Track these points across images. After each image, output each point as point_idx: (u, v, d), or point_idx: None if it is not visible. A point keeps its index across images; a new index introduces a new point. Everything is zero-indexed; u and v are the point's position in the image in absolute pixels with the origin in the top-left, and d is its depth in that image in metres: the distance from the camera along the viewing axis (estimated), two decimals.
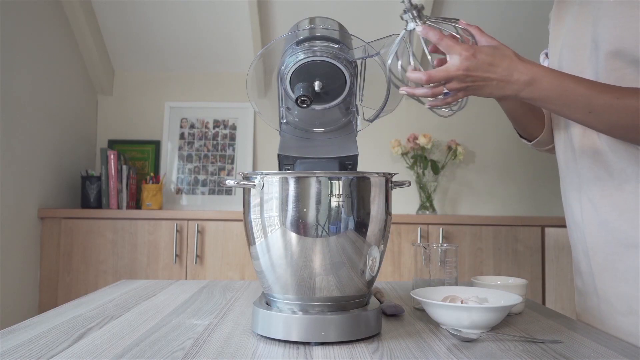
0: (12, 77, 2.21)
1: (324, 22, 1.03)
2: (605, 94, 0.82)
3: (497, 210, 2.94)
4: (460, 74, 0.83)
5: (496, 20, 2.67)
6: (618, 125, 0.82)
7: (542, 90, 0.83)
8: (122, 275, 2.41)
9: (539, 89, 0.83)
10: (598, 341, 0.84)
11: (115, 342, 0.80)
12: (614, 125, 0.83)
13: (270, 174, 0.82)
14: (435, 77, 0.84)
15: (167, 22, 2.74)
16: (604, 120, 0.82)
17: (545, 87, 0.83)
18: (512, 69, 0.83)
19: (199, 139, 2.90)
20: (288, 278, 0.81)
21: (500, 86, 0.83)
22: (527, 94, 0.83)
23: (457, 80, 0.83)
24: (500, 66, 0.83)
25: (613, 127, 0.83)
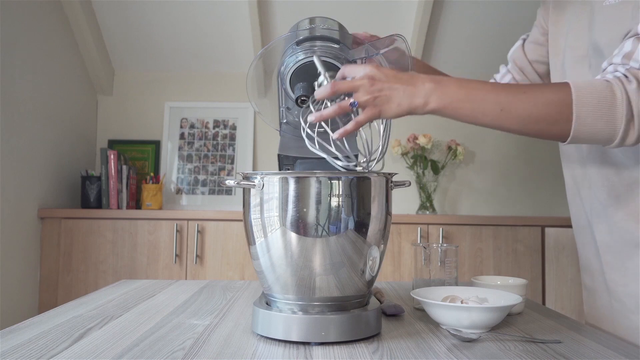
0: (12, 77, 2.21)
1: (324, 22, 1.03)
2: (512, 89, 0.82)
3: (497, 210, 2.94)
4: (365, 82, 0.81)
5: (496, 20, 2.67)
6: (530, 119, 0.81)
7: (449, 94, 0.81)
8: (122, 276, 2.41)
9: (446, 94, 0.81)
10: (598, 341, 0.84)
11: (115, 342, 0.80)
12: (526, 120, 0.81)
13: (270, 174, 0.82)
14: (341, 87, 0.82)
15: (167, 22, 2.74)
16: (516, 116, 0.81)
17: (451, 91, 0.82)
18: (415, 78, 0.82)
19: (199, 139, 2.90)
20: (288, 278, 0.81)
21: (408, 94, 0.81)
22: (435, 101, 0.81)
23: (363, 89, 0.81)
24: (404, 77, 0.82)
25: (526, 122, 0.81)
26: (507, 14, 2.64)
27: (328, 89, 0.83)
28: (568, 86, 0.80)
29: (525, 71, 1.22)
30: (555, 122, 0.80)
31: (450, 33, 2.78)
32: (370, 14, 2.69)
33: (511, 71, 1.25)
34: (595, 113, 0.79)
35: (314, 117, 0.84)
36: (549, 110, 0.80)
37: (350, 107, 0.82)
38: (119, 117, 2.96)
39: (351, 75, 0.83)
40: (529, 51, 1.20)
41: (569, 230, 2.44)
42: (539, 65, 1.20)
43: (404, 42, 1.03)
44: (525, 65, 1.21)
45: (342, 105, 0.82)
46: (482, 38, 2.74)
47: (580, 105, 0.79)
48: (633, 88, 0.78)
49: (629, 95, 0.78)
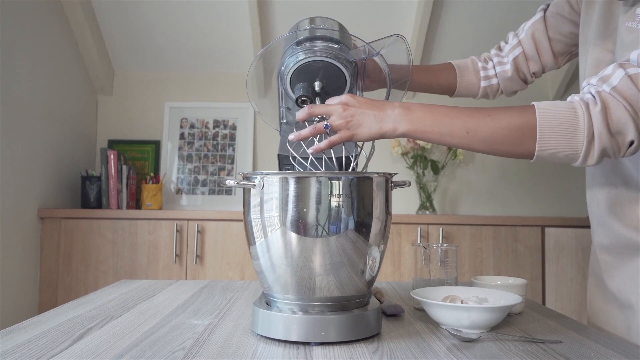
0: (12, 77, 2.21)
1: (324, 22, 1.03)
2: (478, 114, 0.86)
3: (497, 210, 2.94)
4: (339, 108, 0.86)
5: (496, 20, 2.67)
6: (495, 141, 0.85)
7: (417, 120, 0.86)
8: (122, 276, 2.41)
9: (415, 119, 0.86)
10: (598, 341, 0.84)
11: (115, 342, 0.80)
12: (491, 142, 0.85)
13: (270, 174, 0.82)
14: (316, 110, 0.88)
15: (167, 22, 2.74)
16: (482, 138, 0.85)
17: (419, 116, 0.86)
18: (385, 105, 0.88)
19: (199, 139, 2.90)
20: (288, 278, 0.81)
21: (378, 119, 0.86)
22: (404, 126, 0.86)
23: (337, 114, 0.86)
24: (375, 104, 0.88)
25: (491, 144, 0.85)
26: (507, 14, 2.64)
27: (305, 111, 0.89)
28: (533, 109, 0.83)
29: (540, 46, 1.17)
30: (520, 144, 0.84)
31: (450, 33, 2.78)
32: (370, 14, 2.69)
33: (523, 43, 1.19)
34: (558, 135, 0.82)
35: (293, 137, 0.90)
36: (512, 133, 0.84)
37: (324, 129, 0.87)
38: (119, 117, 2.96)
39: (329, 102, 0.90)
40: (551, 26, 1.16)
41: (569, 230, 2.44)
42: (558, 44, 1.16)
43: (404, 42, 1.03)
44: (544, 40, 1.17)
45: (317, 126, 0.88)
46: (482, 38, 2.74)
47: (543, 128, 0.82)
48: (597, 111, 0.80)
49: (591, 118, 0.81)
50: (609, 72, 0.83)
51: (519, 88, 1.24)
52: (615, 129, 0.80)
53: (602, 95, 0.81)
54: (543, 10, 1.18)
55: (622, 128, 0.80)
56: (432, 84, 1.22)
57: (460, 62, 1.24)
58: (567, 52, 1.18)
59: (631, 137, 0.80)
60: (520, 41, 1.20)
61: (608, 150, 0.82)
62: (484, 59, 1.25)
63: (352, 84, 0.98)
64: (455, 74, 1.23)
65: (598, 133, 0.80)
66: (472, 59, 1.26)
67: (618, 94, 0.80)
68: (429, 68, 1.24)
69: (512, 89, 1.24)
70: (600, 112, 0.80)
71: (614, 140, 0.81)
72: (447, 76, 1.23)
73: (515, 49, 1.21)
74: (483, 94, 1.25)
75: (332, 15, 1.13)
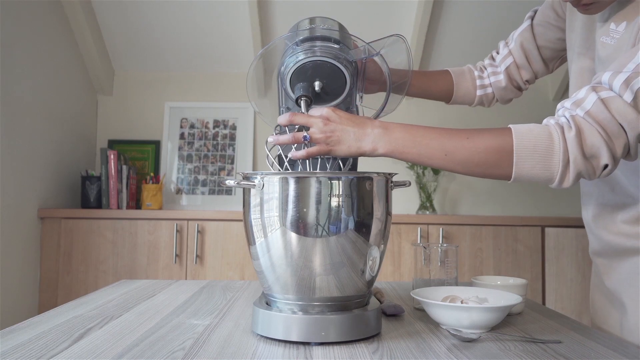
0: (12, 77, 2.21)
1: (324, 22, 1.03)
2: (456, 136, 0.86)
3: (497, 210, 2.94)
4: (319, 122, 0.87)
5: (496, 20, 2.67)
6: (472, 164, 0.86)
7: (396, 139, 0.87)
8: (122, 276, 2.41)
9: (394, 140, 0.87)
10: (598, 341, 0.84)
11: (115, 342, 0.80)
12: (468, 164, 0.86)
13: (270, 174, 0.82)
14: (298, 119, 0.88)
15: (167, 22, 2.74)
16: (459, 161, 0.86)
17: (398, 137, 0.87)
18: (366, 123, 0.88)
19: (199, 139, 2.90)
20: (288, 278, 0.81)
21: (357, 137, 0.86)
22: (383, 147, 0.86)
23: (317, 127, 0.87)
24: (356, 121, 0.88)
25: (468, 166, 0.87)
26: (507, 14, 2.64)
27: (286, 118, 0.89)
28: (510, 132, 0.84)
29: (529, 55, 1.19)
30: (497, 167, 0.85)
31: (450, 33, 2.78)
32: (370, 14, 2.69)
33: (513, 53, 1.21)
34: (534, 159, 0.83)
35: (271, 139, 0.91)
36: (490, 156, 0.85)
37: (303, 140, 0.88)
38: (119, 117, 2.96)
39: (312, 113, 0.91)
40: (539, 34, 1.17)
41: (569, 230, 2.44)
42: (547, 51, 1.18)
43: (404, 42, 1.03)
44: (532, 48, 1.18)
45: (296, 136, 0.88)
46: (482, 38, 2.74)
47: (519, 152, 0.83)
48: (571, 136, 0.81)
49: (566, 143, 0.82)
50: (582, 96, 0.83)
51: (513, 96, 1.26)
52: (589, 153, 0.81)
53: (576, 119, 0.82)
54: (530, 18, 1.19)
55: (596, 152, 0.81)
56: (431, 89, 1.23)
57: (457, 70, 1.26)
58: (557, 57, 1.19)
59: (605, 161, 0.81)
60: (511, 51, 1.22)
61: (583, 173, 0.83)
62: (479, 67, 1.27)
63: (352, 84, 0.98)
64: (453, 81, 1.24)
65: (573, 158, 0.81)
66: (469, 67, 1.27)
67: (592, 118, 0.81)
68: (427, 74, 1.24)
69: (507, 97, 1.26)
70: (575, 137, 0.81)
71: (588, 163, 0.82)
72: (444, 83, 1.24)
73: (507, 59, 1.22)
74: (479, 102, 1.27)
75: (332, 15, 1.13)
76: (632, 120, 0.79)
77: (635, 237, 0.94)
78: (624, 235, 0.96)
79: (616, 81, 0.81)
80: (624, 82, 0.80)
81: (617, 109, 0.80)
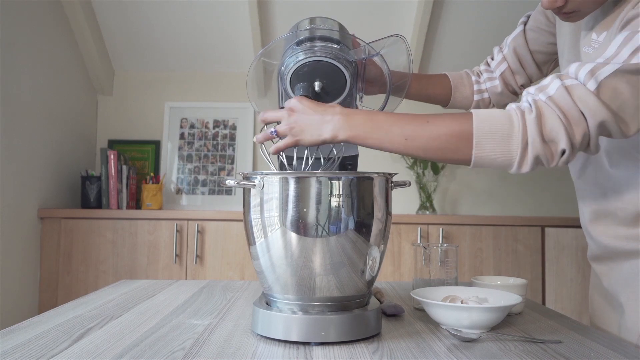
0: (12, 77, 2.21)
1: (324, 23, 1.03)
2: (416, 120, 0.87)
3: (497, 210, 2.94)
4: (284, 114, 0.89)
5: (496, 20, 2.67)
6: (433, 148, 0.86)
7: (356, 125, 0.87)
8: (122, 276, 2.41)
9: (354, 126, 0.87)
10: (598, 341, 0.84)
11: (115, 342, 0.80)
12: (428, 149, 0.86)
13: (271, 174, 0.82)
14: (267, 117, 0.92)
15: (167, 22, 2.74)
16: (420, 146, 0.86)
17: (358, 123, 0.87)
18: (327, 110, 0.88)
19: (199, 139, 2.90)
20: (288, 278, 0.81)
21: (318, 125, 0.87)
22: (344, 133, 0.87)
23: (284, 120, 0.89)
24: (318, 109, 0.89)
25: (429, 150, 0.86)
26: (507, 14, 2.64)
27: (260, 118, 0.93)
28: (470, 116, 0.84)
29: (523, 60, 1.20)
30: (457, 150, 0.85)
31: (450, 33, 2.78)
32: (370, 14, 2.69)
33: (507, 58, 1.22)
34: (494, 142, 0.83)
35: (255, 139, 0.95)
36: (450, 140, 0.85)
37: (271, 134, 0.91)
38: (119, 117, 2.96)
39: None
40: (531, 39, 1.18)
41: (569, 230, 2.44)
42: (539, 55, 1.19)
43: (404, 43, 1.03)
44: (525, 53, 1.20)
45: (265, 133, 0.92)
46: (482, 38, 2.74)
47: (479, 135, 0.83)
48: (531, 118, 0.81)
49: (526, 126, 0.82)
50: (547, 82, 0.84)
51: (510, 101, 1.27)
52: (548, 137, 0.81)
53: (537, 103, 0.82)
54: (523, 23, 1.21)
55: (554, 137, 0.81)
56: (429, 93, 1.24)
57: (455, 74, 1.27)
58: (550, 61, 1.20)
59: (563, 146, 0.81)
60: (505, 56, 1.23)
61: (541, 158, 0.82)
62: (476, 72, 1.28)
63: (352, 84, 0.98)
64: (450, 85, 1.25)
65: (532, 139, 0.81)
66: (466, 72, 1.28)
67: (553, 103, 0.81)
68: (425, 77, 1.25)
69: (503, 102, 1.27)
70: (535, 120, 0.81)
71: (547, 147, 0.82)
72: (442, 86, 1.25)
73: (501, 65, 1.24)
74: (475, 107, 1.28)
75: (332, 15, 1.13)
76: (593, 108, 0.80)
77: (634, 239, 0.95)
78: (622, 238, 0.97)
79: (582, 71, 0.82)
80: (589, 72, 0.81)
81: (580, 95, 0.80)
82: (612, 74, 0.80)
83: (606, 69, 0.80)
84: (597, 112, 0.80)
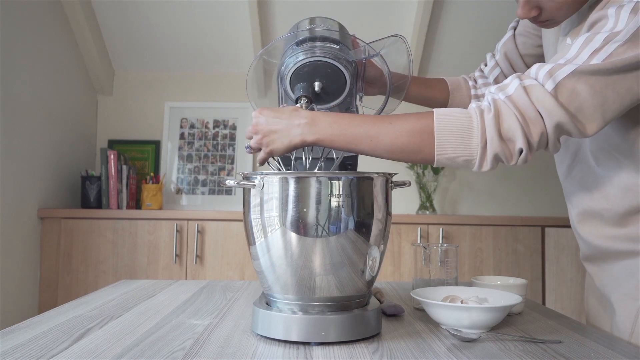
0: (12, 77, 2.21)
1: (324, 23, 1.03)
2: (380, 121, 0.88)
3: (497, 210, 2.94)
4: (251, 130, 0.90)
5: (496, 20, 2.67)
6: (396, 148, 0.86)
7: (323, 129, 0.87)
8: (122, 276, 2.41)
9: (320, 129, 0.87)
10: (598, 341, 0.84)
11: (115, 342, 0.80)
12: (392, 149, 0.87)
13: (271, 174, 0.82)
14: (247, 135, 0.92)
15: (167, 22, 2.74)
16: (384, 146, 0.87)
17: (324, 127, 0.88)
18: (293, 115, 0.89)
19: (199, 139, 2.90)
20: (288, 278, 0.81)
21: (286, 133, 0.88)
22: (311, 136, 0.87)
23: (254, 136, 0.90)
24: (283, 116, 0.89)
25: (393, 151, 0.87)
26: (507, 14, 2.64)
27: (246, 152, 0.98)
28: (432, 115, 0.85)
29: (514, 64, 1.22)
30: (419, 150, 0.86)
31: (450, 33, 2.78)
32: (370, 14, 2.69)
33: (500, 64, 1.24)
34: (455, 140, 0.84)
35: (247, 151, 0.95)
36: (412, 139, 0.86)
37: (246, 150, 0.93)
38: (119, 117, 2.96)
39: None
40: (520, 44, 1.20)
41: (569, 230, 2.44)
42: (530, 58, 1.21)
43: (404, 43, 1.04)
44: (516, 58, 1.21)
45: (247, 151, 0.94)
46: (482, 38, 2.74)
47: (440, 133, 0.84)
48: (490, 117, 0.82)
49: (484, 124, 0.83)
50: (507, 82, 0.85)
51: None
52: (506, 135, 0.82)
53: (496, 102, 0.83)
54: (513, 28, 1.22)
55: (512, 135, 0.82)
56: (427, 95, 1.24)
57: (453, 79, 1.28)
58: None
59: (520, 145, 0.82)
60: (497, 62, 1.25)
61: (500, 156, 0.83)
62: (472, 78, 1.29)
63: (352, 84, 0.98)
64: (448, 90, 1.26)
65: (490, 137, 0.82)
66: (463, 77, 1.30)
67: (511, 102, 0.82)
68: (424, 80, 1.26)
69: None
70: (493, 119, 0.82)
71: (505, 146, 0.83)
72: (440, 90, 1.26)
73: (495, 70, 1.25)
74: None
75: (332, 15, 1.13)
76: (550, 108, 0.81)
77: (623, 239, 0.95)
78: (610, 238, 0.97)
79: (542, 71, 0.83)
80: (547, 72, 0.82)
81: (537, 96, 0.81)
82: (570, 74, 0.81)
83: (564, 69, 0.81)
84: (553, 113, 0.81)
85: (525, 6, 0.92)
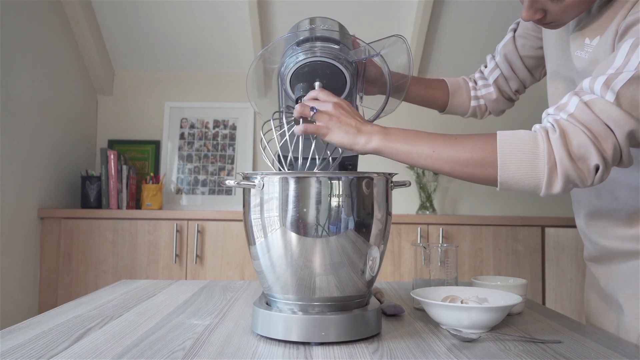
0: (12, 77, 2.21)
1: (324, 23, 1.03)
2: (445, 136, 0.87)
3: (497, 210, 2.94)
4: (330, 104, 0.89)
5: (496, 20, 2.67)
6: (459, 162, 0.85)
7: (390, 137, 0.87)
8: (122, 276, 2.41)
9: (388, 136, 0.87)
10: (598, 341, 0.84)
11: (115, 342, 0.80)
12: (455, 162, 0.85)
13: (271, 174, 0.82)
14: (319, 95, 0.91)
15: (167, 22, 2.74)
16: (446, 158, 0.85)
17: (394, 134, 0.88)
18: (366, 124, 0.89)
19: (199, 139, 2.90)
20: (288, 278, 0.82)
21: (355, 130, 0.88)
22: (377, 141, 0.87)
23: (330, 108, 0.88)
24: (359, 119, 0.90)
25: (455, 164, 0.85)
26: (507, 14, 2.64)
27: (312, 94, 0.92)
28: (495, 136, 0.84)
29: (514, 66, 1.22)
30: (482, 167, 0.84)
31: (450, 33, 2.78)
32: (370, 14, 2.69)
33: (500, 65, 1.24)
34: (519, 163, 0.81)
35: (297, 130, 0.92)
36: (475, 155, 0.84)
37: (310, 111, 0.89)
38: (119, 117, 2.96)
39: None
40: (520, 46, 1.20)
41: (569, 230, 2.44)
42: (529, 60, 1.20)
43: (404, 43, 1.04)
44: (516, 59, 1.21)
45: (304, 107, 0.90)
46: (482, 38, 2.74)
47: (503, 155, 0.82)
48: (556, 137, 0.80)
49: (550, 145, 0.80)
50: (565, 101, 0.83)
51: (506, 107, 1.28)
52: (576, 155, 0.79)
53: (560, 122, 0.81)
54: (513, 30, 1.22)
55: (583, 153, 0.79)
56: (427, 96, 1.24)
57: (453, 80, 1.28)
58: (541, 66, 1.21)
59: (595, 162, 0.79)
60: (497, 64, 1.25)
61: (573, 178, 0.80)
62: (472, 80, 1.29)
63: (352, 84, 0.98)
64: (448, 90, 1.26)
65: (559, 159, 0.79)
66: (463, 78, 1.30)
67: (575, 120, 0.80)
68: (424, 80, 1.26)
69: (499, 109, 1.28)
70: (559, 138, 0.79)
71: (576, 166, 0.80)
72: (441, 90, 1.26)
73: (494, 72, 1.25)
74: (472, 114, 1.29)
75: (332, 15, 1.13)
76: (618, 119, 0.78)
77: (631, 239, 0.95)
78: (619, 238, 0.97)
79: (596, 84, 0.80)
80: (603, 84, 0.79)
81: (601, 109, 0.79)
82: (627, 82, 0.78)
83: (620, 78, 0.79)
84: (623, 123, 0.78)
85: (529, 9, 0.91)
